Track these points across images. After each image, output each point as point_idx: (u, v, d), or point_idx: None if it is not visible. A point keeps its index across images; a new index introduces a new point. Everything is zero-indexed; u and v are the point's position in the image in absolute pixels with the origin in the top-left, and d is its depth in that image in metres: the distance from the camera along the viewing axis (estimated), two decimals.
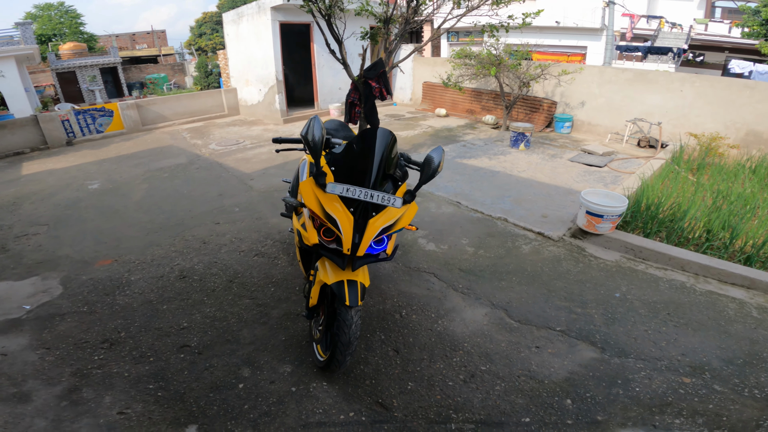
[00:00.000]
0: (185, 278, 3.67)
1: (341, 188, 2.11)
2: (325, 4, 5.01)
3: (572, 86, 8.81)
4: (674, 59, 14.35)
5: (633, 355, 2.76)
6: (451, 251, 4.09)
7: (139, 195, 5.84)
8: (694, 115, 7.43)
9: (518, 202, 5.20)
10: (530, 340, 2.90)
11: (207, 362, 2.70)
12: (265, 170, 6.68)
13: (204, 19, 33.87)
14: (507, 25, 5.53)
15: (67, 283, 3.67)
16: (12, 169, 7.69)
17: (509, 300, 3.33)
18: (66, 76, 23.03)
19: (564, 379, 2.57)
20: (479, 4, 5.45)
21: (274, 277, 3.66)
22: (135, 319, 3.14)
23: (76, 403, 2.41)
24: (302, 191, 2.21)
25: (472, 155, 7.27)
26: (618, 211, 4.01)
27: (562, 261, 3.92)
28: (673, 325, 3.05)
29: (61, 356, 2.79)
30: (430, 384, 2.52)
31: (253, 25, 10.33)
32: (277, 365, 2.66)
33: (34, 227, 4.89)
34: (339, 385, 2.50)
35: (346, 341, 2.21)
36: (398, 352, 2.77)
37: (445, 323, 3.06)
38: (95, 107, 9.90)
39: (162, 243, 4.34)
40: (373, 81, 4.92)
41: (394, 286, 3.51)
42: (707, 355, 2.75)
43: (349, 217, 2.11)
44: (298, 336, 2.91)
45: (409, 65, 12.17)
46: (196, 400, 2.42)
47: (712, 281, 3.60)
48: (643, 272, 3.74)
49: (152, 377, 2.60)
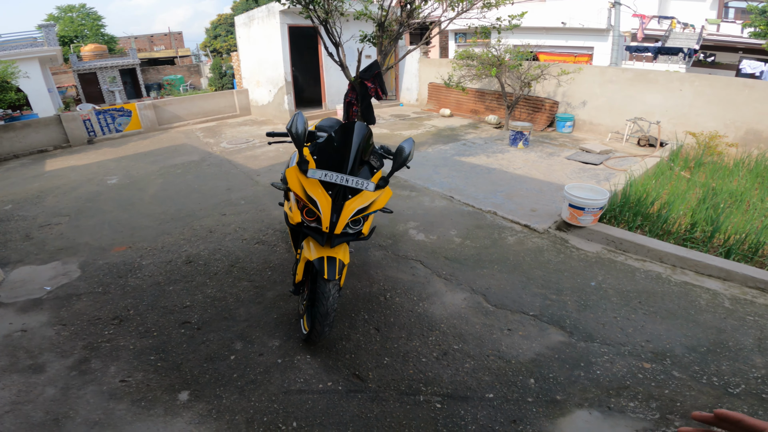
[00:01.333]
0: (191, 263, 3.98)
1: (321, 173, 2.40)
2: (324, 9, 5.28)
3: (574, 86, 8.90)
4: (685, 60, 14.17)
5: (599, 339, 2.88)
6: (439, 241, 4.31)
7: (154, 189, 6.21)
8: (694, 114, 7.48)
9: (510, 197, 5.39)
10: (503, 323, 3.10)
11: (204, 337, 2.97)
12: (271, 167, 7.00)
13: (219, 21, 34.28)
14: (499, 27, 5.73)
15: (85, 267, 4.01)
16: (36, 165, 8.18)
17: (488, 286, 3.54)
18: (87, 77, 23.39)
19: (530, 360, 2.74)
20: (468, 8, 5.67)
21: (272, 262, 3.94)
22: (144, 299, 3.44)
23: (85, 372, 2.67)
24: (287, 176, 2.50)
25: (470, 153, 7.46)
26: (598, 204, 4.18)
27: (544, 251, 4.11)
28: (642, 312, 3.16)
29: (75, 331, 3.08)
30: (404, 360, 2.75)
31: (264, 28, 10.68)
32: (267, 340, 2.93)
33: (57, 218, 5.28)
34: (321, 358, 2.75)
35: (324, 312, 2.46)
36: (379, 330, 3.02)
37: (426, 306, 3.29)
38: (115, 107, 10.37)
39: (172, 232, 4.67)
40: (368, 81, 5.17)
41: (382, 271, 3.76)
42: (671, 343, 2.84)
43: (327, 198, 2.38)
44: (288, 315, 3.18)
45: (415, 66, 12.35)
46: (190, 370, 2.68)
47: (689, 273, 3.69)
48: (621, 263, 3.89)
49: (154, 350, 2.86)
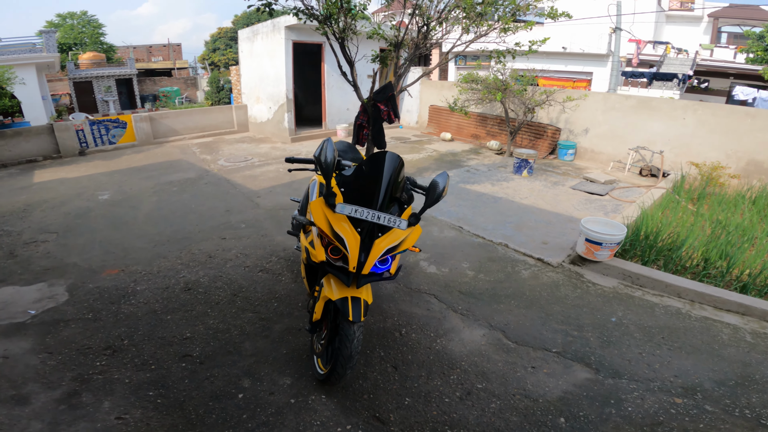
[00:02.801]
0: (190, 290, 3.75)
1: (350, 209, 2.21)
2: (339, 27, 5.17)
3: (576, 113, 8.93)
4: (679, 85, 14.45)
5: (626, 376, 2.82)
6: (452, 274, 4.15)
7: (148, 207, 5.96)
8: (696, 143, 7.51)
9: (519, 228, 5.27)
10: (526, 360, 2.95)
11: (208, 372, 2.75)
12: (272, 188, 6.80)
13: (219, 35, 34.38)
14: (514, 52, 5.69)
15: (74, 290, 3.75)
16: (24, 176, 7.87)
17: (507, 322, 3.38)
18: (83, 86, 23.13)
19: (558, 398, 2.61)
20: (488, 31, 5.61)
21: (277, 292, 3.73)
22: (139, 328, 3.20)
23: (75, 407, 2.44)
24: (312, 210, 2.31)
25: (475, 181, 7.37)
26: (617, 239, 4.09)
27: (560, 286, 3.98)
28: (667, 348, 3.11)
29: (63, 361, 2.83)
30: (426, 400, 2.56)
31: (267, 43, 10.62)
32: (277, 377, 2.71)
33: (44, 234, 5.00)
34: (337, 399, 2.55)
35: (347, 355, 2.28)
36: (397, 368, 2.82)
37: (444, 342, 3.11)
38: (109, 118, 10.15)
39: (169, 255, 4.43)
40: (381, 104, 5.07)
41: (395, 305, 3.58)
42: (700, 377, 2.80)
43: (356, 236, 2.21)
44: (299, 350, 2.97)
45: (416, 88, 12.37)
46: (195, 408, 2.46)
47: (708, 308, 3.67)
48: (639, 298, 3.80)
49: (153, 385, 2.63)
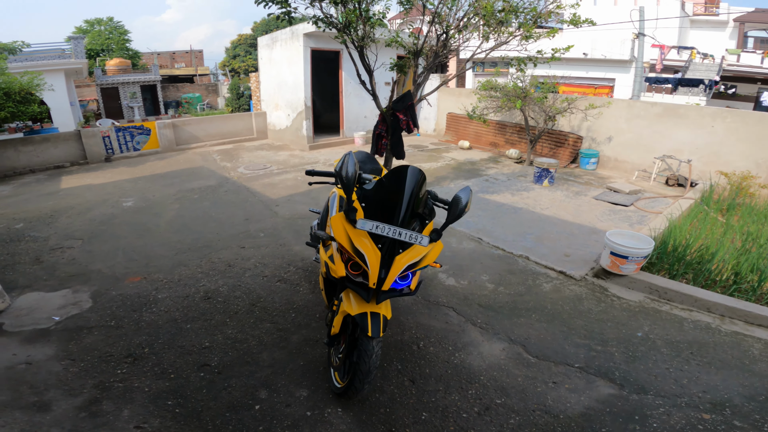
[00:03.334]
0: (210, 299, 3.78)
1: (371, 225, 2.19)
2: (358, 35, 5.17)
3: (599, 121, 8.75)
4: (705, 91, 14.05)
5: (652, 392, 2.73)
6: (471, 287, 4.09)
7: (170, 215, 6.05)
8: (725, 152, 7.27)
9: (540, 240, 5.17)
10: (547, 375, 2.88)
11: (225, 382, 2.75)
12: (290, 197, 6.83)
13: (239, 41, 34.81)
14: (536, 59, 5.58)
15: (97, 297, 3.82)
16: (52, 182, 8.10)
17: (528, 336, 3.31)
18: (109, 92, 23.60)
19: (580, 414, 2.54)
20: (509, 39, 5.53)
21: (295, 303, 3.72)
22: (159, 336, 3.23)
23: (95, 414, 2.46)
24: (333, 225, 2.29)
25: (494, 190, 7.27)
26: (644, 252, 3.97)
27: (583, 300, 3.88)
28: (695, 363, 3.02)
29: (85, 368, 2.87)
30: (444, 415, 2.51)
31: (286, 50, 10.71)
32: (294, 389, 2.70)
33: (69, 241, 5.12)
34: (354, 412, 2.52)
35: (366, 370, 2.25)
36: (414, 382, 2.78)
37: (462, 356, 3.06)
38: (134, 125, 10.36)
39: (189, 263, 4.48)
40: (400, 113, 5.03)
41: (413, 318, 3.53)
42: (729, 393, 2.72)
43: (376, 252, 2.18)
44: (316, 362, 2.95)
45: (434, 96, 12.30)
46: (212, 419, 2.46)
47: (739, 322, 3.56)
48: (667, 313, 3.68)
49: (171, 394, 2.65)
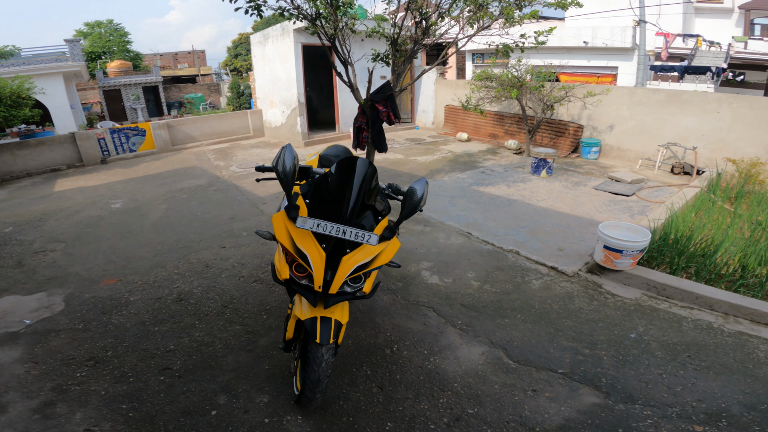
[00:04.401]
0: (182, 301, 3.66)
1: (312, 223, 2.03)
2: (332, 26, 4.97)
3: (600, 109, 8.46)
4: (713, 79, 13.69)
5: (641, 401, 2.51)
6: (455, 285, 3.89)
7: (156, 215, 5.96)
8: (733, 138, 6.95)
9: (533, 234, 4.94)
10: (527, 382, 2.68)
11: (185, 386, 2.64)
12: (278, 194, 6.66)
13: (240, 40, 34.71)
14: (522, 45, 5.34)
15: (70, 300, 3.73)
16: (47, 185, 8.10)
17: (510, 339, 3.11)
18: (112, 94, 23.69)
19: (558, 426, 2.34)
20: (489, 24, 5.30)
21: (269, 304, 3.58)
22: (125, 339, 3.13)
23: (48, 417, 2.43)
24: (274, 224, 2.13)
25: (489, 182, 7.03)
26: (639, 246, 3.72)
27: (574, 298, 3.66)
28: (692, 368, 2.78)
29: (46, 371, 2.82)
30: (410, 426, 2.35)
31: (278, 47, 10.59)
32: (254, 394, 2.56)
33: (53, 244, 5.05)
34: (314, 420, 2.37)
35: (315, 379, 2.09)
36: (382, 389, 2.61)
37: (437, 361, 2.88)
38: (129, 126, 10.37)
39: (167, 265, 4.37)
40: (380, 104, 4.83)
41: (389, 319, 3.36)
42: (727, 401, 2.50)
43: (321, 253, 2.01)
44: (281, 366, 2.80)
45: (431, 88, 12.10)
46: (165, 424, 2.37)
47: (744, 321, 3.29)
48: (665, 311, 3.44)
49: (127, 397, 2.58)
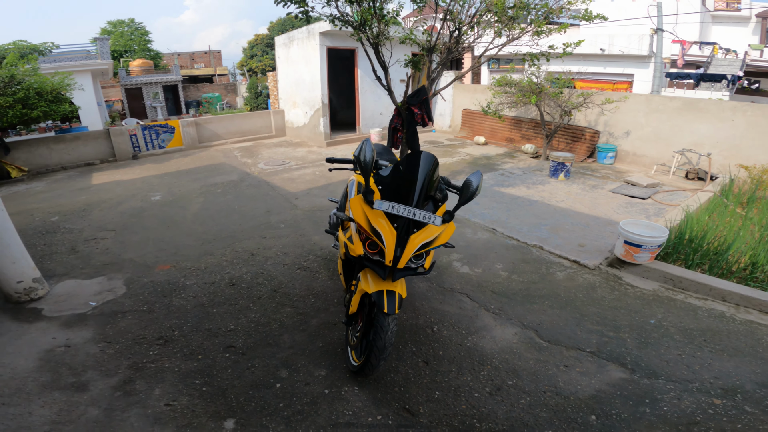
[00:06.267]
0: (234, 285, 3.97)
1: (387, 205, 2.33)
2: (373, 33, 5.31)
3: (616, 115, 8.69)
4: (728, 86, 13.82)
5: (663, 376, 2.78)
6: (485, 274, 4.18)
7: (195, 208, 6.31)
8: (746, 146, 7.15)
9: (555, 231, 5.22)
10: (559, 359, 2.96)
11: (249, 362, 2.92)
12: (309, 190, 7.02)
13: (256, 41, 35.07)
14: (548, 54, 5.64)
15: (130, 284, 4.05)
16: (83, 178, 8.50)
17: (540, 322, 3.39)
18: (133, 92, 24.21)
19: (590, 396, 2.61)
20: (520, 35, 5.59)
21: (314, 289, 3.89)
22: (188, 320, 3.43)
23: (129, 393, 2.63)
24: (351, 207, 2.43)
25: (510, 184, 7.31)
26: (658, 241, 4.00)
27: (596, 288, 3.93)
28: (708, 350, 3.05)
29: (120, 350, 3.06)
30: (456, 394, 2.63)
31: (303, 49, 10.92)
32: (312, 369, 2.85)
33: (102, 232, 5.40)
34: (369, 390, 2.65)
35: (381, 346, 2.38)
36: (428, 363, 2.91)
37: (475, 340, 3.17)
38: (159, 123, 10.74)
39: (215, 252, 4.69)
40: (415, 107, 5.15)
41: (428, 303, 3.66)
42: (741, 379, 2.75)
43: (392, 231, 2.31)
44: (334, 344, 3.10)
45: (449, 92, 12.38)
46: (236, 396, 2.62)
47: (753, 311, 3.56)
48: (681, 301, 3.71)
49: (199, 373, 2.82)
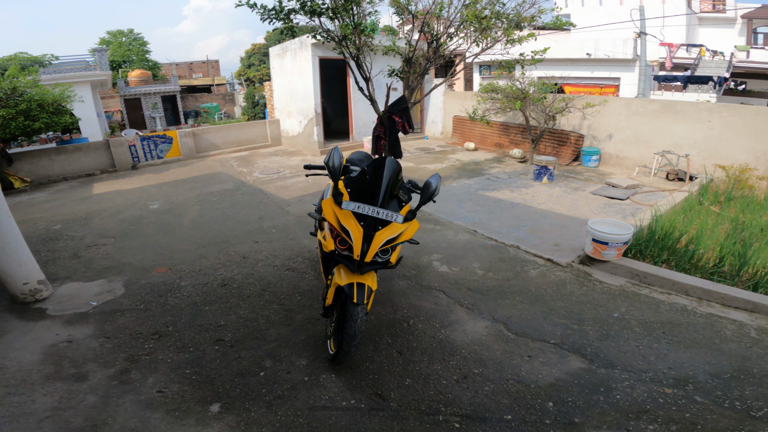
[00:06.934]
0: (226, 286, 4.22)
1: (354, 205, 2.60)
2: (356, 45, 5.59)
3: (599, 119, 8.93)
4: (715, 88, 14.07)
5: (620, 366, 2.95)
6: (462, 273, 4.42)
7: (192, 215, 6.58)
8: (723, 146, 7.38)
9: (533, 232, 5.45)
10: (524, 350, 3.17)
11: (236, 354, 3.17)
12: (301, 197, 7.28)
13: (253, 51, 35.28)
14: (522, 61, 5.94)
15: (129, 285, 4.31)
16: (84, 188, 8.80)
17: (510, 315, 3.62)
18: (132, 103, 24.38)
19: (549, 384, 2.82)
20: (492, 44, 5.92)
21: (301, 288, 4.14)
22: (182, 317, 3.68)
23: (125, 382, 2.87)
24: (323, 207, 2.73)
25: (494, 188, 7.55)
26: (623, 238, 4.22)
27: (566, 284, 4.16)
28: (666, 342, 3.21)
29: (118, 344, 3.32)
30: (425, 381, 2.86)
31: (296, 60, 11.22)
32: (295, 359, 3.09)
33: (103, 239, 5.67)
34: (345, 378, 2.89)
35: (352, 333, 2.63)
36: (401, 354, 3.14)
37: (448, 332, 3.40)
38: (157, 134, 11.04)
39: (209, 256, 4.95)
40: (396, 116, 5.42)
41: (406, 300, 3.90)
42: (694, 370, 2.89)
43: (359, 229, 2.58)
44: (316, 337, 3.35)
45: (440, 99, 12.65)
46: (222, 384, 2.86)
47: (715, 305, 3.71)
48: (645, 296, 3.91)
49: (189, 364, 3.06)
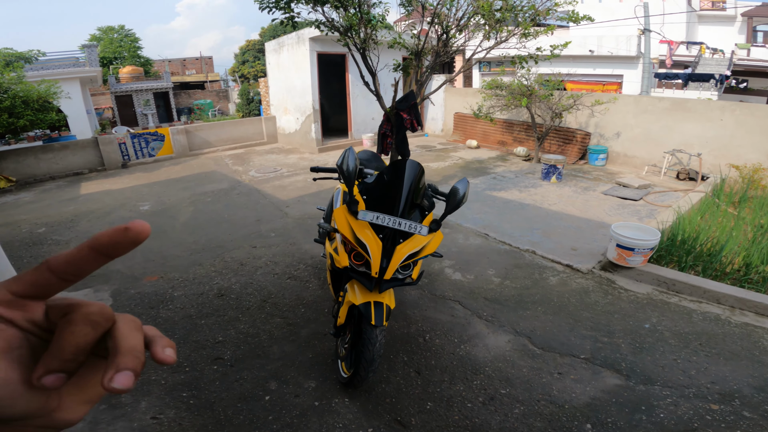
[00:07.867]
0: (223, 296, 3.91)
1: (371, 216, 2.28)
2: (360, 38, 5.28)
3: (607, 117, 8.72)
4: (716, 86, 13.97)
5: (659, 382, 2.74)
6: (477, 281, 4.14)
7: (185, 217, 6.23)
8: (736, 145, 7.20)
9: (547, 235, 5.20)
10: (552, 366, 2.92)
11: (237, 374, 2.86)
12: (300, 198, 6.96)
13: (247, 47, 34.76)
14: (536, 57, 5.65)
15: (117, 295, 3.99)
16: (72, 188, 8.39)
17: (533, 328, 3.35)
18: (123, 99, 23.72)
19: (585, 404, 2.57)
20: (507, 37, 5.60)
21: (305, 299, 3.83)
22: (175, 332, 3.36)
23: (114, 407, 2.59)
24: (336, 218, 2.37)
25: (502, 187, 7.30)
26: (650, 244, 3.97)
27: (590, 292, 3.90)
28: (704, 354, 3.01)
29: None
30: (449, 405, 2.58)
31: (293, 55, 10.87)
32: (302, 380, 2.79)
33: None
34: (360, 402, 2.60)
35: (369, 358, 2.33)
36: (420, 373, 2.85)
37: (468, 348, 3.12)
38: (149, 131, 10.63)
39: (203, 263, 4.62)
40: (404, 112, 5.11)
41: (419, 311, 3.60)
42: (738, 383, 2.72)
43: (378, 242, 2.26)
44: (324, 354, 3.04)
45: (440, 96, 12.38)
46: (224, 409, 2.57)
47: (749, 314, 3.53)
48: (675, 305, 3.68)
49: (186, 386, 2.77)
